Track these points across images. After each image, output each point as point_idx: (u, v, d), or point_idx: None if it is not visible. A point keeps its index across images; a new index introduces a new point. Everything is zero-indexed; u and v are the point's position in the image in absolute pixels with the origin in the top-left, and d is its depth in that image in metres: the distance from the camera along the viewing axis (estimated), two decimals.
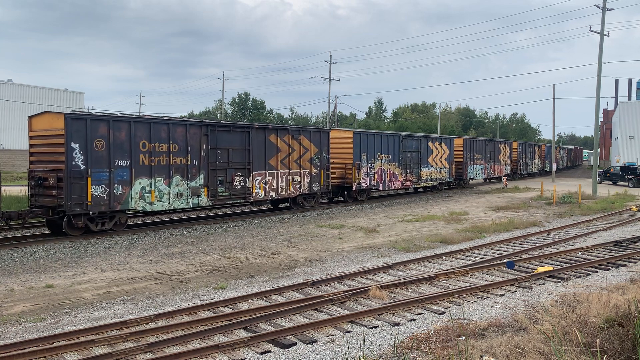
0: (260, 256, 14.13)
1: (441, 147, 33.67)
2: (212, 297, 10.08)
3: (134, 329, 8.07)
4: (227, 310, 9.20)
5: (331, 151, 25.56)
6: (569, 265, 12.54)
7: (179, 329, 8.17)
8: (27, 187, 17.91)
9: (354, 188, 26.12)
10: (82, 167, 15.78)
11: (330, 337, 7.97)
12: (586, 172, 72.83)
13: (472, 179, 39.97)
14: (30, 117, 17.26)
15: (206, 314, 9.04)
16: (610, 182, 44.23)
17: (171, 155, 17.96)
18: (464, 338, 7.67)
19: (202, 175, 18.91)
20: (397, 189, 30.64)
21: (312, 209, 23.75)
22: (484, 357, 6.67)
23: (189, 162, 18.50)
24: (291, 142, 22.43)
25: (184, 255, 14.12)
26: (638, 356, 6.18)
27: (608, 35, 33.82)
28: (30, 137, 17.13)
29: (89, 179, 15.86)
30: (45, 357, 7.10)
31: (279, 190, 22.05)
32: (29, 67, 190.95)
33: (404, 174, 29.97)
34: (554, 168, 52.06)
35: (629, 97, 79.77)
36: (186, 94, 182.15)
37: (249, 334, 7.92)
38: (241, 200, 20.61)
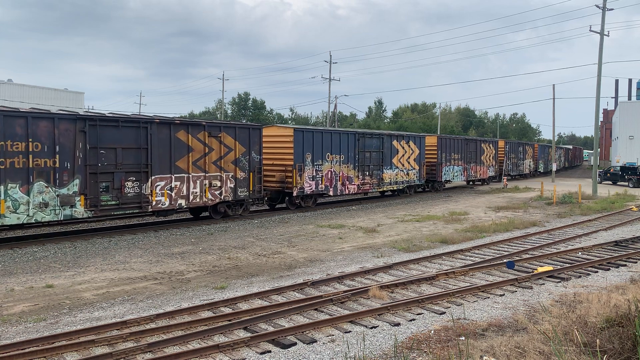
0: (260, 256, 14.13)
1: (409, 146, 30.34)
2: (212, 297, 10.08)
3: (134, 329, 8.07)
4: (227, 310, 9.20)
5: (268, 151, 23.26)
6: (569, 265, 12.54)
7: (179, 329, 8.17)
8: None
9: (294, 193, 22.86)
10: None
11: (330, 337, 7.97)
12: (586, 172, 72.83)
13: (449, 181, 36.01)
14: None
15: (206, 314, 9.04)
16: (610, 182, 44.23)
17: (31, 155, 14.56)
18: (464, 338, 7.67)
19: (76, 181, 15.48)
20: (353, 194, 27.22)
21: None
22: (484, 357, 6.67)
23: (57, 165, 15.09)
24: (208, 141, 18.99)
25: (184, 255, 14.12)
26: (638, 356, 6.17)
27: (608, 35, 33.83)
28: None
29: None
30: (45, 357, 7.10)
31: (191, 198, 18.46)
32: (29, 67, 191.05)
33: (361, 176, 26.44)
34: (554, 168, 52.01)
35: (629, 97, 79.73)
36: (186, 94, 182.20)
37: (249, 334, 7.92)
38: (136, 210, 17.14)
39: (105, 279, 11.64)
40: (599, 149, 43.41)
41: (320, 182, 24.16)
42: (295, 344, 7.68)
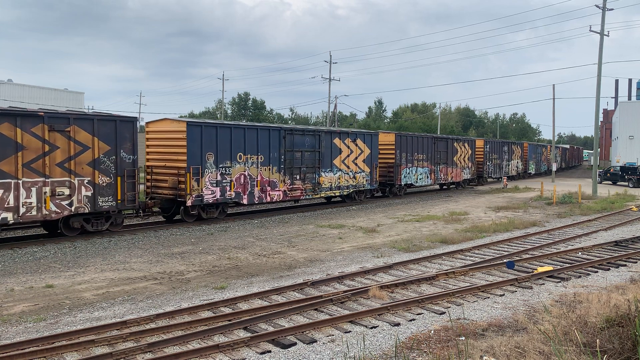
0: (260, 256, 14.13)
1: (356, 145, 26.15)
2: (212, 297, 10.08)
3: (134, 329, 8.07)
4: (227, 310, 9.20)
5: (159, 150, 19.72)
6: (569, 265, 12.54)
7: (179, 329, 8.17)
8: None
9: (189, 202, 18.58)
10: None
11: (330, 337, 7.97)
12: (586, 172, 72.83)
13: (411, 184, 31.59)
14: None
15: (206, 314, 9.04)
16: (610, 182, 44.24)
17: None
18: (464, 338, 7.67)
19: None
20: (279, 201, 22.62)
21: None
22: (484, 357, 6.67)
23: None
24: (50, 136, 15.13)
25: (184, 255, 14.12)
26: (638, 356, 6.17)
27: (608, 35, 33.83)
28: None
29: None
30: (45, 357, 7.10)
31: (23, 210, 14.53)
32: (29, 67, 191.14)
33: (289, 181, 22.32)
34: (554, 168, 51.97)
35: (629, 97, 79.73)
36: (186, 94, 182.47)
37: (249, 334, 7.92)
38: None
39: (105, 279, 11.64)
40: (599, 149, 43.39)
41: (228, 188, 19.88)
42: (295, 344, 7.68)
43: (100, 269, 12.61)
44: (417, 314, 9.05)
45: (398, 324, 8.55)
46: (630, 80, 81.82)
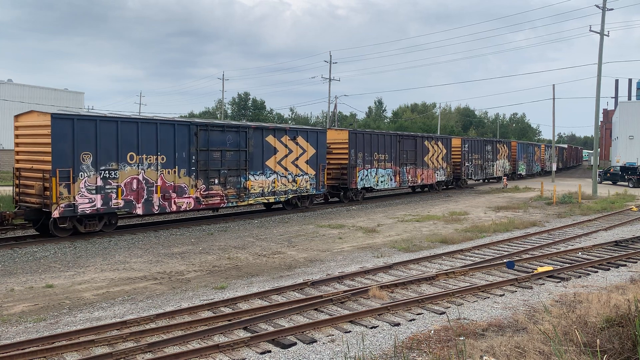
0: (260, 256, 14.13)
1: (296, 144, 22.66)
2: (212, 297, 10.09)
3: (134, 329, 8.07)
4: (227, 310, 9.20)
5: (24, 149, 16.57)
6: (569, 265, 12.54)
7: (179, 329, 8.17)
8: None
9: (55, 214, 15.15)
10: None
11: (330, 337, 7.98)
12: (586, 172, 72.85)
13: (372, 188, 28.32)
14: None
15: (206, 314, 9.04)
16: (610, 182, 44.25)
17: None
18: (463, 338, 7.68)
19: None
20: (191, 210, 19.03)
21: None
22: (484, 357, 6.67)
23: None
24: None
25: (184, 255, 14.12)
26: (638, 356, 6.18)
27: (608, 35, 33.84)
28: None
29: None
30: (45, 357, 7.10)
31: None
32: (29, 67, 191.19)
33: (203, 185, 18.84)
34: (554, 168, 51.97)
35: (629, 97, 79.75)
36: (186, 94, 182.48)
37: (249, 334, 7.92)
38: None
39: (105, 279, 11.64)
40: (599, 149, 43.38)
41: (114, 195, 16.40)
42: (295, 344, 7.68)
43: (100, 269, 12.61)
44: (417, 314, 9.05)
45: (398, 324, 8.55)
46: (630, 80, 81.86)
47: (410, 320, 8.76)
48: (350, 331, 8.21)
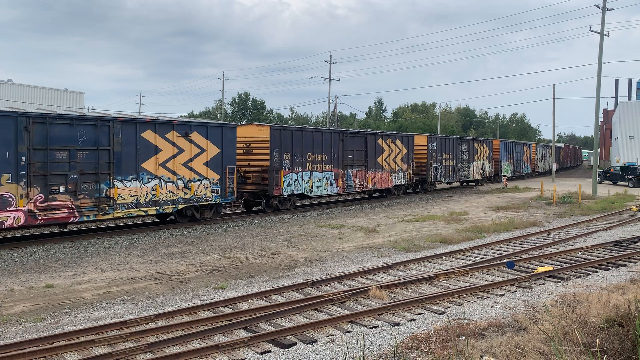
0: (260, 256, 14.13)
1: (191, 142, 18.61)
2: (212, 297, 10.08)
3: (134, 329, 8.07)
4: (227, 310, 9.20)
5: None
6: (569, 265, 12.54)
7: (179, 329, 8.17)
8: None
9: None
10: None
11: (330, 337, 7.97)
12: (586, 172, 72.82)
13: (302, 195, 23.88)
14: None
15: (206, 314, 9.04)
16: (610, 182, 44.25)
17: None
18: (464, 338, 7.68)
19: None
20: (21, 226, 14.71)
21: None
22: (484, 357, 6.67)
23: None
24: None
25: (184, 255, 14.12)
26: (638, 356, 6.18)
27: (608, 35, 33.83)
28: None
29: None
30: (45, 357, 7.10)
31: None
32: (28, 67, 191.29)
33: (41, 195, 14.74)
34: (554, 168, 51.93)
35: (629, 97, 79.76)
36: (185, 94, 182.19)
37: (249, 334, 7.92)
38: None
39: (105, 279, 11.64)
40: (599, 149, 43.35)
41: None
42: (295, 344, 7.68)
43: (100, 269, 12.61)
44: (417, 314, 9.05)
45: (398, 324, 8.55)
46: (630, 80, 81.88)
47: (410, 320, 8.75)
48: (350, 331, 8.21)
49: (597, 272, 12.26)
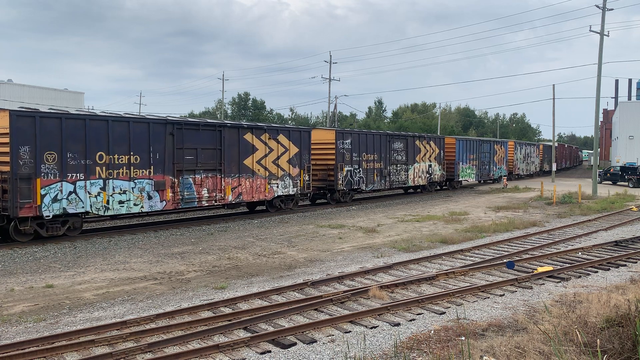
0: (260, 256, 14.13)
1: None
2: (212, 297, 10.08)
3: (134, 329, 8.07)
4: (227, 310, 9.20)
5: None
6: (569, 265, 12.54)
7: (179, 329, 8.17)
8: None
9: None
10: None
11: (330, 337, 7.97)
12: (586, 172, 72.83)
13: (86, 213, 16.04)
14: None
15: (206, 314, 9.04)
16: (610, 182, 44.25)
17: None
18: (464, 338, 7.68)
19: None
20: None
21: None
22: (484, 357, 6.67)
23: None
24: None
25: (184, 255, 14.12)
26: (638, 356, 6.17)
27: (608, 35, 33.83)
28: None
29: None
30: (45, 357, 7.10)
31: None
32: (28, 67, 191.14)
33: None
34: (554, 168, 51.93)
35: (629, 97, 79.78)
36: (185, 94, 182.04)
37: (249, 334, 7.92)
38: None
39: (105, 279, 11.64)
40: (599, 149, 43.33)
41: None
42: (295, 344, 7.68)
43: (100, 269, 12.61)
44: (417, 314, 9.05)
45: (398, 324, 8.55)
46: (630, 80, 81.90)
47: (411, 320, 8.75)
48: (350, 331, 8.21)
49: (597, 272, 12.26)
